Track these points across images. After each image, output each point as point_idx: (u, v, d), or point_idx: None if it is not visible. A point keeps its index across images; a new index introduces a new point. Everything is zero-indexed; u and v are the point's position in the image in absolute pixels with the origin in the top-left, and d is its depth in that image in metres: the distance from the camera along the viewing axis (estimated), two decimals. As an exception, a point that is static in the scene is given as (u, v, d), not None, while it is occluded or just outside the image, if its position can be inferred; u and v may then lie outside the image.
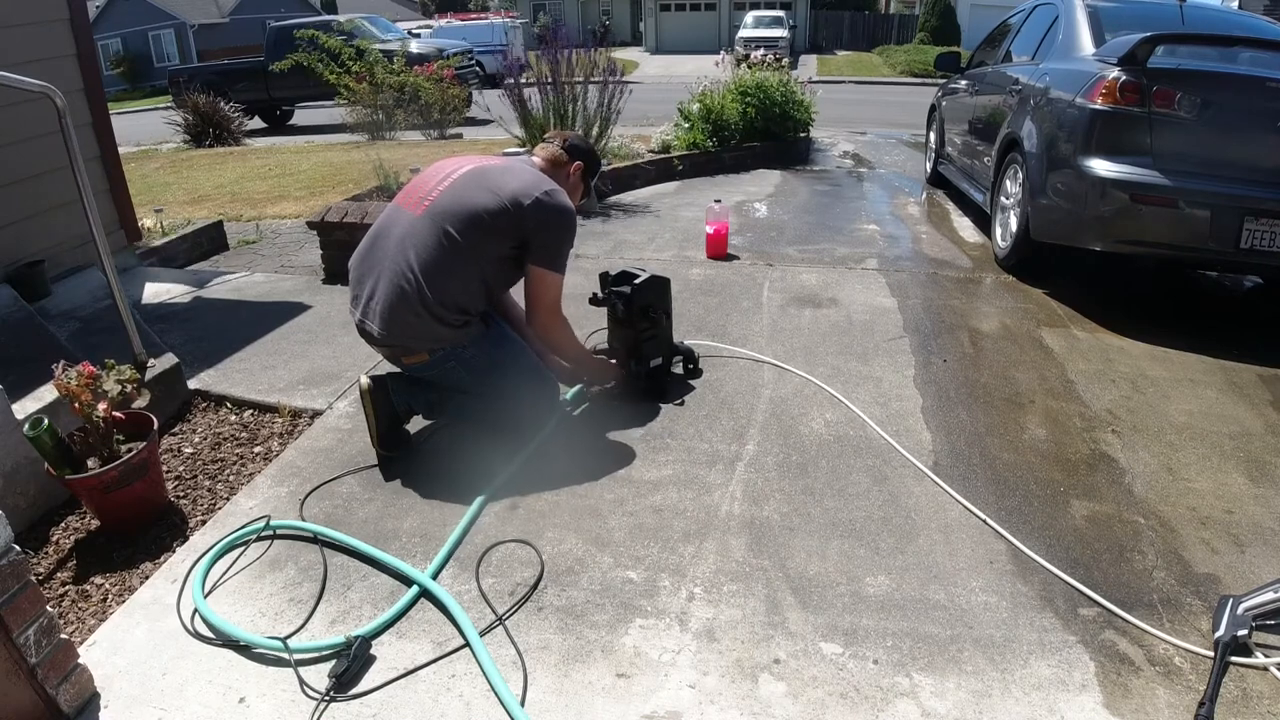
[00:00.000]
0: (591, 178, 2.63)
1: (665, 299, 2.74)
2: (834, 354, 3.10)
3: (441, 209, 2.21)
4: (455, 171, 2.31)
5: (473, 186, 2.24)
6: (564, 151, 2.54)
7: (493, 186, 2.23)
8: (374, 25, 13.43)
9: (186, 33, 31.07)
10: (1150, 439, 2.51)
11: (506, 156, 2.60)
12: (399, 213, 2.30)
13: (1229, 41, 3.74)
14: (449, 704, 1.55)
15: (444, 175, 2.31)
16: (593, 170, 2.63)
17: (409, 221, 2.24)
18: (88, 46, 3.77)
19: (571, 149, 2.56)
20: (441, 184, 2.27)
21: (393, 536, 2.05)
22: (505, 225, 2.21)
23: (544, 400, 2.49)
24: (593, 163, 2.62)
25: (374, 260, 2.27)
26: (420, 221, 2.21)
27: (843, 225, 5.14)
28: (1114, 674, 1.61)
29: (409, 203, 2.29)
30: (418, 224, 2.21)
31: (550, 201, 2.25)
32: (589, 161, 2.60)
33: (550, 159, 2.51)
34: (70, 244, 3.55)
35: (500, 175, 2.28)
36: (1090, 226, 3.42)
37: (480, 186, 2.24)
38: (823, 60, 24.91)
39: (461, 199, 2.22)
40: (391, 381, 2.38)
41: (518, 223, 2.21)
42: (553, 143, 2.57)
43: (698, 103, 7.08)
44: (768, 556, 1.96)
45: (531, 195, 2.22)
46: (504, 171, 2.30)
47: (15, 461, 2.10)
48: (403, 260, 2.19)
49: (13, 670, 1.41)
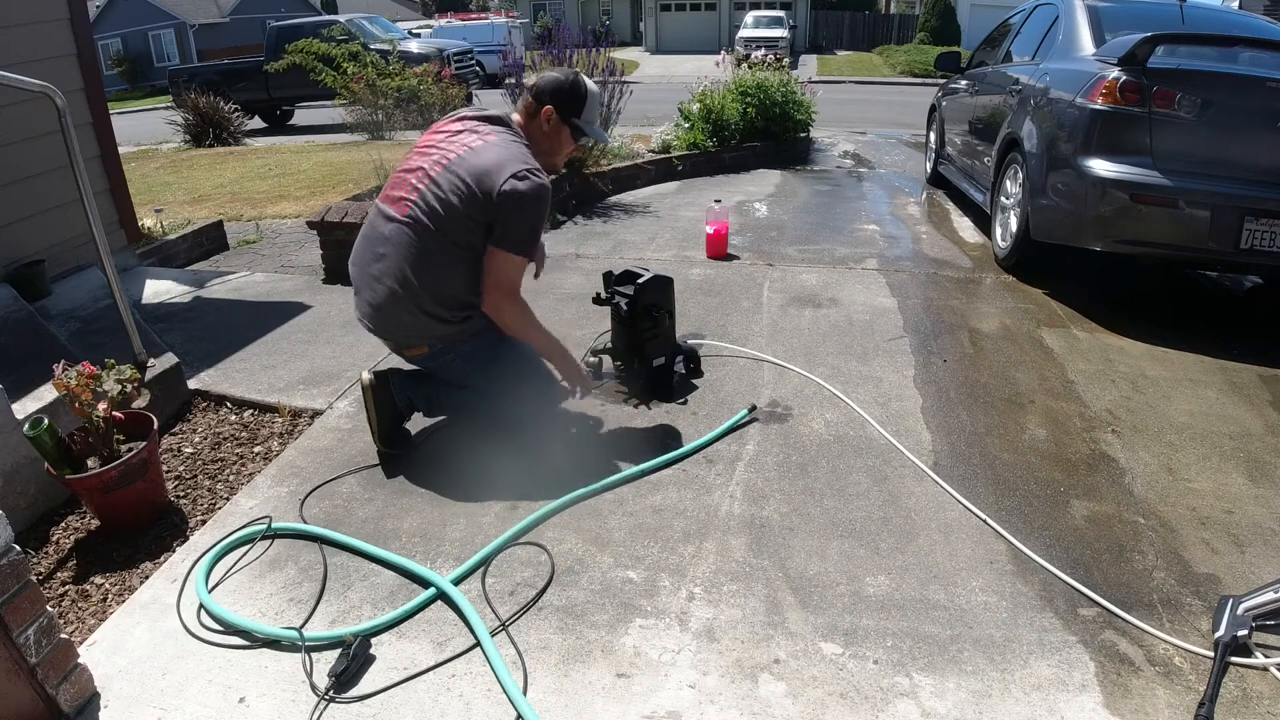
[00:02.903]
0: (574, 114, 2.34)
1: (668, 299, 2.74)
2: (834, 354, 3.10)
3: (421, 208, 2.17)
4: (431, 164, 2.23)
5: (446, 180, 2.17)
6: (532, 99, 2.33)
7: (465, 175, 2.15)
8: (374, 25, 13.44)
9: (186, 32, 31.06)
10: (1150, 439, 2.51)
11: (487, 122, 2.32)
12: (383, 214, 2.26)
13: (1229, 41, 3.75)
14: (449, 703, 1.55)
15: (420, 168, 2.24)
16: (571, 107, 2.32)
17: (393, 224, 2.21)
18: (88, 46, 3.77)
19: (539, 93, 2.31)
20: (422, 182, 2.21)
21: (393, 536, 2.05)
22: (478, 212, 2.15)
23: (545, 397, 2.47)
24: (567, 99, 2.31)
25: (366, 264, 2.27)
26: (404, 224, 2.19)
27: (843, 225, 5.14)
28: (1114, 674, 1.61)
29: (391, 201, 2.25)
30: (402, 227, 2.19)
31: (515, 189, 2.11)
32: (561, 100, 2.30)
33: (524, 111, 2.35)
34: (70, 244, 3.55)
35: (472, 160, 2.18)
36: (1090, 226, 3.42)
37: (454, 178, 2.16)
38: (823, 60, 24.91)
39: (438, 194, 2.16)
40: (393, 377, 2.38)
41: (486, 209, 2.14)
42: (529, 91, 2.36)
43: (698, 103, 7.08)
44: (768, 556, 1.96)
45: (498, 184, 2.11)
46: (476, 154, 2.20)
47: (15, 461, 2.10)
48: (393, 264, 2.18)
49: (13, 670, 1.41)
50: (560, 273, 4.15)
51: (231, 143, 10.71)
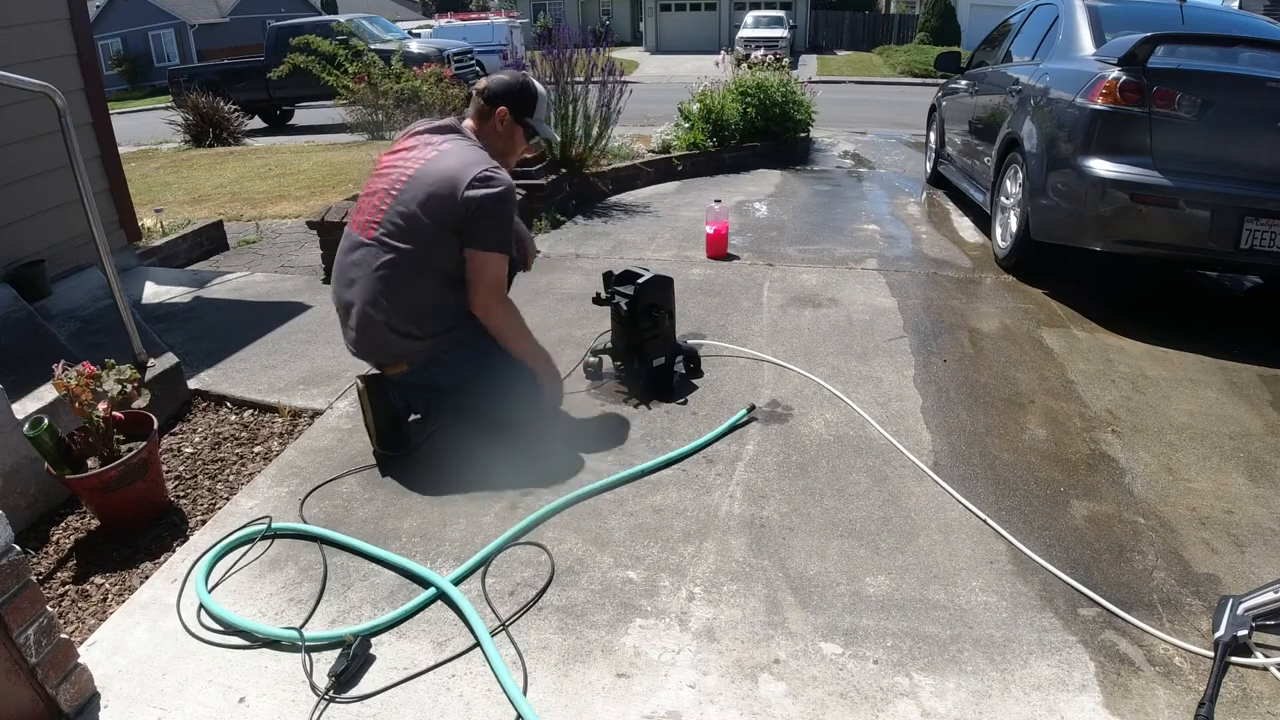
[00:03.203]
0: (526, 114, 2.37)
1: (668, 299, 2.74)
2: (834, 354, 3.10)
3: (386, 229, 2.19)
4: (390, 184, 2.24)
5: (408, 195, 2.18)
6: (484, 102, 2.35)
7: (427, 186, 2.17)
8: (374, 25, 13.44)
9: (186, 32, 31.06)
10: (1150, 439, 2.51)
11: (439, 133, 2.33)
12: (351, 239, 2.29)
13: (1229, 41, 3.75)
14: (449, 703, 1.55)
15: (380, 190, 2.26)
16: (523, 107, 2.36)
17: (361, 248, 2.24)
18: (88, 46, 3.77)
19: (490, 96, 2.34)
20: (384, 203, 2.23)
21: (393, 536, 2.05)
22: (445, 220, 2.15)
23: (532, 394, 2.45)
24: (519, 99, 2.35)
25: (341, 290, 2.30)
26: (370, 246, 2.21)
27: (843, 225, 5.14)
28: (1114, 674, 1.61)
29: (358, 226, 2.28)
30: (369, 249, 2.21)
31: (480, 191, 2.14)
32: (513, 100, 2.34)
33: (476, 115, 2.38)
34: (70, 244, 3.55)
35: (432, 171, 2.20)
36: (1090, 226, 3.42)
37: (415, 192, 2.18)
38: (823, 60, 24.91)
39: (401, 212, 2.18)
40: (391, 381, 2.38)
41: (453, 214, 2.15)
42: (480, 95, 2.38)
43: (698, 103, 7.08)
44: (768, 556, 1.96)
45: (461, 189, 2.13)
46: (434, 164, 2.21)
47: (15, 461, 2.10)
48: (363, 288, 2.21)
49: (13, 670, 1.41)
50: (560, 273, 4.16)
51: (231, 143, 10.71)
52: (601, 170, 5.99)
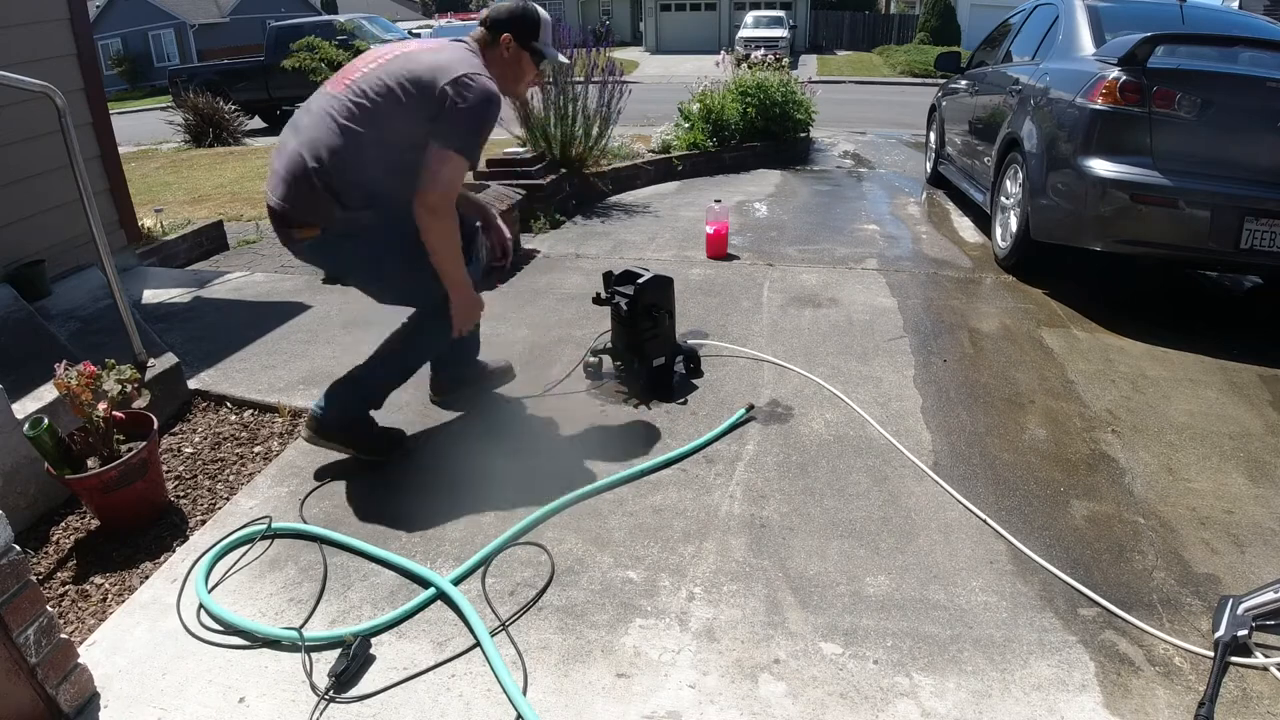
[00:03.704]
0: (532, 39, 2.29)
1: (668, 299, 2.74)
2: (834, 354, 3.10)
3: (361, 86, 2.12)
4: (386, 54, 2.20)
5: (397, 66, 2.14)
6: (487, 30, 2.28)
7: (416, 64, 2.12)
8: (374, 25, 13.44)
9: (186, 32, 31.07)
10: (1150, 439, 2.51)
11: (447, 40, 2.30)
12: (323, 91, 2.21)
13: (1229, 41, 3.75)
14: (449, 703, 1.55)
15: (373, 58, 2.21)
16: (527, 32, 2.29)
17: (325, 97, 2.17)
18: (88, 46, 3.77)
19: (493, 23, 2.27)
20: (368, 65, 2.18)
21: (393, 536, 2.05)
22: (419, 100, 2.09)
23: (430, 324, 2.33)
24: (523, 25, 2.28)
25: (290, 130, 2.20)
26: (338, 97, 2.14)
27: (843, 225, 5.14)
28: (1114, 674, 1.61)
29: (334, 83, 2.21)
30: (335, 99, 2.14)
31: (469, 82, 2.07)
32: (518, 26, 2.27)
33: (478, 40, 2.29)
34: (70, 244, 3.55)
35: (428, 54, 2.16)
36: (1090, 226, 3.42)
37: (404, 65, 2.13)
38: (823, 60, 24.91)
39: (383, 76, 2.12)
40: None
41: (431, 97, 2.08)
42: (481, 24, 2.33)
43: (698, 103, 7.08)
44: (768, 556, 1.96)
45: (452, 73, 2.07)
46: (433, 52, 2.17)
47: (15, 461, 2.10)
48: (309, 134, 2.12)
49: (13, 670, 1.41)
50: (560, 273, 4.16)
51: (231, 143, 10.71)
52: (601, 170, 5.99)
